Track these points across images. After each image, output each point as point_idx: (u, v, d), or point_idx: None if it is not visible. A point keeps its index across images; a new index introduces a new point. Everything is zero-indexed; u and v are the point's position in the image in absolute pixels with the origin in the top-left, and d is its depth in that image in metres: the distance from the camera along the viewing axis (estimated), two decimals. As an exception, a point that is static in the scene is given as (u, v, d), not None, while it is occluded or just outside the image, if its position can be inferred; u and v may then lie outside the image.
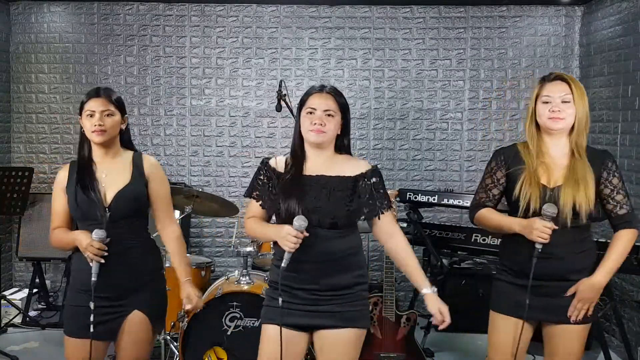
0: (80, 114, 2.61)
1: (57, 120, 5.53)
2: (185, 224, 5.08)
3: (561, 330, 2.56)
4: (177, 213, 4.53)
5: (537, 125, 2.58)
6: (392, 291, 3.75)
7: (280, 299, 2.33)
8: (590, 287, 2.51)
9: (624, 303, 4.40)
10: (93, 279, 2.44)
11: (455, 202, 4.27)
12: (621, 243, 2.56)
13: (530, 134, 2.59)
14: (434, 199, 4.29)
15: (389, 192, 3.74)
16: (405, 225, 4.37)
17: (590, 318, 2.58)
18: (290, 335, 2.41)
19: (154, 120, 5.53)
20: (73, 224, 2.65)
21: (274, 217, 2.52)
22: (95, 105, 2.57)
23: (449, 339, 4.59)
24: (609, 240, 3.77)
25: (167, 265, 4.05)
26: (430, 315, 2.47)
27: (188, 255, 4.80)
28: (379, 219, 2.45)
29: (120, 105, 2.65)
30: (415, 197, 4.26)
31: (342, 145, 2.53)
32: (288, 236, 2.26)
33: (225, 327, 3.61)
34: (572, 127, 2.53)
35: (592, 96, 5.02)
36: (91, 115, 2.56)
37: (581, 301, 2.51)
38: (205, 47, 5.47)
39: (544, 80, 2.58)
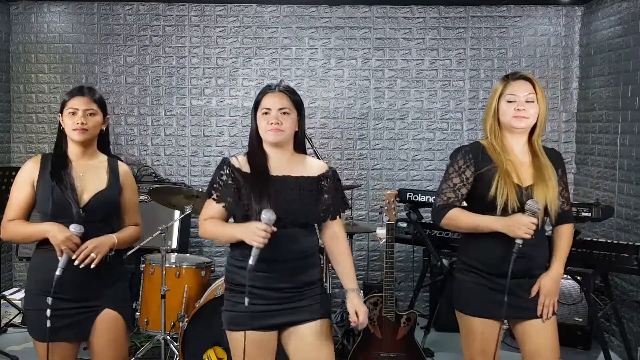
0: (62, 111, 2.59)
1: (57, 120, 5.49)
2: (185, 224, 5.08)
3: (534, 325, 2.58)
4: (177, 213, 4.54)
5: (498, 123, 2.60)
6: (392, 291, 3.75)
7: (246, 300, 2.27)
8: (552, 280, 2.58)
9: (624, 303, 4.40)
10: (57, 273, 2.37)
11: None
12: (570, 235, 2.67)
13: (493, 131, 2.60)
14: (434, 199, 4.28)
15: (388, 192, 3.78)
16: (405, 225, 4.38)
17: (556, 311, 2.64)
18: (262, 336, 2.40)
19: (154, 120, 5.53)
20: (29, 218, 2.58)
21: (231, 219, 2.50)
22: (78, 103, 2.55)
23: (449, 339, 4.59)
24: (608, 240, 3.81)
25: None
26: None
27: (188, 255, 4.83)
28: (339, 217, 2.53)
29: (102, 105, 2.63)
30: (415, 197, 4.26)
31: (299, 142, 2.54)
32: (257, 231, 2.23)
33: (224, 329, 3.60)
34: (534, 127, 2.58)
35: (592, 96, 5.02)
36: (73, 113, 2.55)
37: (547, 296, 2.56)
38: (205, 47, 5.47)
39: (508, 78, 2.61)
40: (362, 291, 2.62)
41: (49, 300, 2.37)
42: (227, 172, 2.44)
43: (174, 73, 5.50)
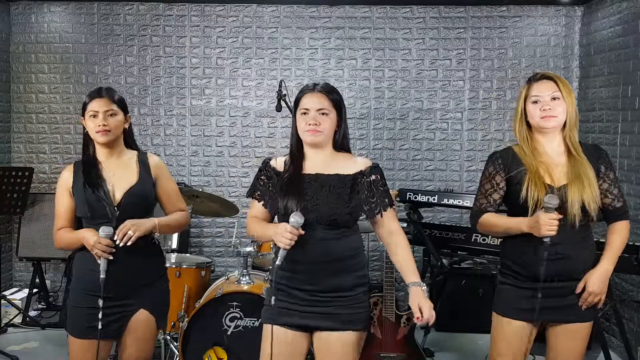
0: (83, 114, 2.62)
1: (57, 120, 5.53)
2: (185, 224, 5.08)
3: (566, 329, 2.56)
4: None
5: (528, 126, 2.59)
6: (392, 291, 3.75)
7: (273, 298, 2.32)
8: (599, 277, 2.52)
9: (624, 303, 4.40)
10: (102, 275, 2.44)
11: (455, 202, 4.27)
12: (623, 233, 2.60)
13: (522, 135, 2.59)
14: (434, 199, 4.29)
15: (388, 192, 3.76)
16: (405, 225, 4.38)
17: (593, 315, 2.59)
18: (291, 335, 2.41)
19: (154, 120, 5.53)
20: (77, 225, 2.65)
21: (276, 218, 2.52)
22: (98, 105, 2.58)
23: (449, 339, 4.59)
24: (609, 240, 3.79)
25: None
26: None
27: (188, 255, 4.83)
28: (381, 216, 2.44)
29: (122, 105, 2.67)
30: (415, 197, 4.26)
31: (339, 141, 2.52)
32: (284, 232, 2.25)
33: (225, 327, 3.61)
34: (564, 124, 2.54)
35: (592, 96, 5.02)
36: (94, 116, 2.58)
37: (592, 294, 2.51)
38: (205, 47, 5.47)
39: (531, 80, 2.59)
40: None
41: (100, 302, 2.44)
42: (265, 172, 2.49)
43: (174, 73, 5.50)
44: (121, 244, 2.47)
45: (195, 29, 5.47)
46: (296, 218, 2.26)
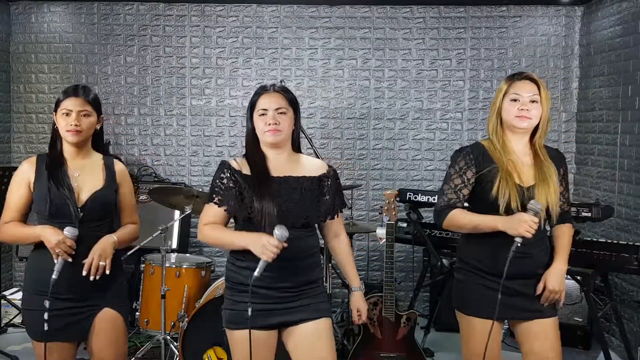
0: (56, 110, 2.57)
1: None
2: (185, 224, 5.08)
3: (534, 326, 2.58)
4: (177, 213, 4.54)
5: (501, 122, 2.61)
6: (392, 291, 3.75)
7: (249, 309, 2.27)
8: (557, 276, 2.57)
9: (624, 303, 4.40)
10: (54, 276, 2.37)
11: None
12: (570, 234, 2.69)
13: (495, 129, 2.61)
14: (434, 199, 4.28)
15: (388, 192, 3.78)
16: (405, 225, 4.38)
17: (555, 312, 2.63)
18: (262, 335, 2.40)
19: (154, 120, 5.53)
20: (26, 219, 2.58)
21: (231, 221, 2.50)
22: (72, 104, 2.53)
23: (449, 339, 4.59)
24: (608, 240, 3.81)
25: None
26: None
27: (188, 255, 4.83)
28: (337, 217, 2.56)
29: (97, 105, 2.61)
30: (415, 197, 4.26)
31: (297, 141, 2.54)
32: (269, 246, 2.21)
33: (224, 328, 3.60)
34: (536, 128, 2.58)
35: (592, 96, 5.02)
36: (67, 114, 2.53)
37: (552, 292, 2.56)
38: (205, 47, 5.47)
39: (513, 78, 2.60)
40: (363, 290, 2.68)
41: (47, 303, 2.35)
42: (228, 175, 2.42)
43: (174, 73, 5.51)
44: (97, 277, 2.43)
45: (195, 29, 5.47)
46: (282, 232, 2.23)
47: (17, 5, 5.49)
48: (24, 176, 2.57)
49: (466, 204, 2.67)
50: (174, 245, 4.85)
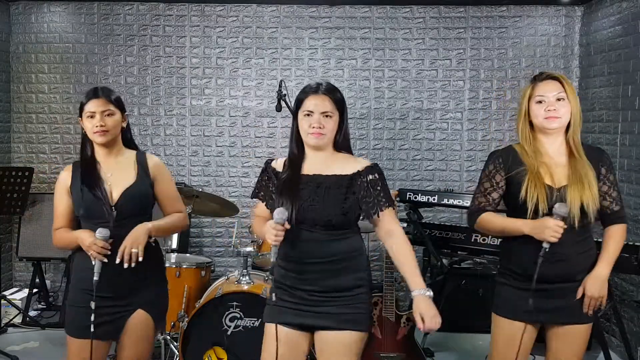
0: (81, 115, 2.61)
1: (57, 120, 5.53)
2: (185, 224, 5.07)
3: (566, 331, 2.56)
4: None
5: (531, 126, 2.57)
6: (392, 291, 3.75)
7: (273, 295, 2.33)
8: (596, 281, 2.51)
9: (624, 303, 4.40)
10: (95, 278, 2.43)
11: (455, 202, 4.27)
12: (620, 236, 2.60)
13: (524, 135, 2.57)
14: (434, 199, 4.29)
15: (388, 192, 3.76)
16: (405, 225, 4.37)
17: (592, 317, 2.58)
18: (292, 334, 2.41)
19: (154, 120, 5.53)
20: (76, 224, 2.65)
21: None
22: (94, 106, 2.57)
23: (449, 339, 4.59)
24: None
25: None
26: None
27: (188, 255, 4.83)
28: (378, 217, 2.40)
29: (119, 104, 2.65)
30: (415, 197, 4.26)
31: (340, 142, 2.49)
32: (269, 229, 2.26)
33: (225, 327, 3.61)
34: (568, 125, 2.53)
35: (592, 96, 5.02)
36: (92, 117, 2.57)
37: (592, 298, 2.51)
38: (205, 47, 5.47)
39: (536, 80, 2.58)
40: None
41: (92, 304, 2.42)
42: (266, 172, 2.51)
43: (174, 73, 5.51)
44: (133, 264, 2.46)
45: (195, 29, 5.47)
46: (280, 214, 2.26)
47: (17, 5, 5.49)
48: (62, 184, 2.64)
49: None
50: (174, 245, 4.84)
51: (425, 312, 2.33)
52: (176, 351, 3.79)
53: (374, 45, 5.43)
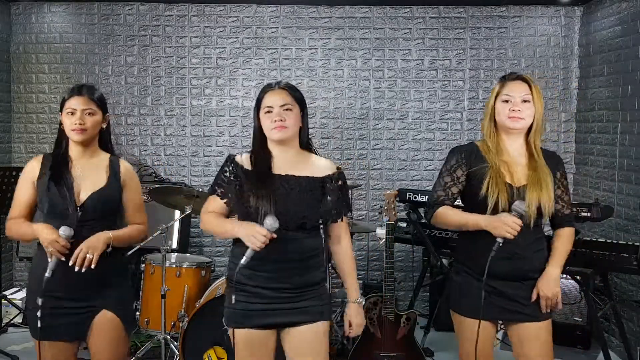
0: (61, 110, 2.58)
1: (57, 120, 5.49)
2: (185, 224, 5.08)
3: (527, 329, 2.58)
4: (177, 213, 4.55)
5: (495, 124, 2.60)
6: (391, 291, 3.75)
7: (233, 297, 2.34)
8: (548, 282, 2.55)
9: (623, 303, 4.41)
10: (47, 274, 2.38)
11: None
12: (568, 238, 2.64)
13: (489, 132, 2.61)
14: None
15: (388, 192, 3.79)
16: (405, 225, 4.38)
17: (550, 314, 2.61)
18: (260, 335, 2.41)
19: (154, 120, 5.54)
20: (31, 217, 2.60)
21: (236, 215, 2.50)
22: (76, 103, 2.54)
23: (448, 339, 4.59)
24: (608, 240, 3.82)
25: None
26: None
27: (188, 255, 4.84)
28: (342, 221, 2.50)
29: (102, 104, 2.62)
30: (415, 197, 4.26)
31: (305, 140, 2.51)
32: (258, 235, 2.24)
33: (225, 327, 3.61)
34: (530, 128, 2.57)
35: (591, 96, 5.02)
36: (72, 114, 2.54)
37: (546, 298, 2.54)
38: (206, 48, 5.48)
39: (505, 79, 2.61)
40: (361, 291, 2.61)
41: (39, 300, 2.38)
42: (231, 168, 2.45)
43: (174, 73, 5.51)
44: (83, 270, 2.40)
45: (196, 29, 5.48)
46: (271, 222, 2.25)
47: (18, 6, 5.50)
48: (30, 174, 2.60)
49: (459, 203, 2.68)
50: (174, 245, 4.86)
51: (354, 320, 2.54)
52: (176, 351, 3.80)
53: (374, 45, 5.44)
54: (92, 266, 2.42)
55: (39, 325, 2.40)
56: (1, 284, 5.00)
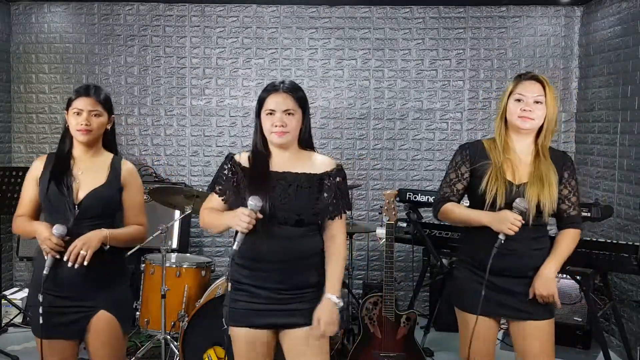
0: (67, 109, 2.60)
1: (57, 120, 5.54)
2: (185, 224, 5.08)
3: (527, 326, 2.58)
4: (177, 213, 4.55)
5: (506, 122, 2.61)
6: (391, 291, 3.75)
7: (229, 284, 2.34)
8: (544, 280, 2.54)
9: (623, 303, 4.41)
10: (45, 272, 2.41)
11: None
12: (571, 239, 2.62)
13: (498, 129, 2.62)
14: (434, 199, 4.28)
15: (388, 192, 3.78)
16: (405, 225, 4.38)
17: (551, 313, 2.61)
18: (258, 335, 2.41)
19: (154, 120, 5.54)
20: (38, 215, 2.64)
21: None
22: (83, 104, 2.56)
23: (449, 339, 4.59)
24: (608, 240, 3.82)
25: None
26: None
27: (188, 255, 4.84)
28: (340, 218, 2.46)
29: (108, 105, 2.64)
30: (415, 197, 4.26)
31: (305, 139, 2.50)
32: (242, 215, 2.25)
33: (225, 327, 3.60)
34: (540, 128, 2.57)
35: (591, 96, 5.02)
36: (78, 114, 2.55)
37: (543, 297, 2.54)
38: (206, 48, 5.48)
39: (520, 78, 2.60)
40: (361, 291, 2.58)
41: (40, 297, 2.41)
42: (229, 166, 2.47)
43: (174, 73, 5.51)
44: (76, 266, 2.41)
45: (196, 29, 5.48)
46: (255, 202, 2.26)
47: (17, 6, 5.50)
48: (34, 173, 2.63)
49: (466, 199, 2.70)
50: (174, 245, 4.86)
51: (323, 317, 2.37)
52: (176, 351, 3.80)
53: (374, 45, 5.44)
54: (85, 263, 2.43)
55: (40, 322, 2.42)
56: (1, 284, 5.00)
